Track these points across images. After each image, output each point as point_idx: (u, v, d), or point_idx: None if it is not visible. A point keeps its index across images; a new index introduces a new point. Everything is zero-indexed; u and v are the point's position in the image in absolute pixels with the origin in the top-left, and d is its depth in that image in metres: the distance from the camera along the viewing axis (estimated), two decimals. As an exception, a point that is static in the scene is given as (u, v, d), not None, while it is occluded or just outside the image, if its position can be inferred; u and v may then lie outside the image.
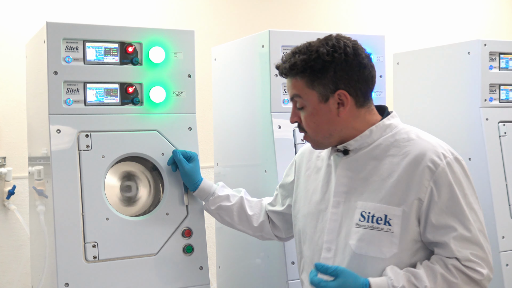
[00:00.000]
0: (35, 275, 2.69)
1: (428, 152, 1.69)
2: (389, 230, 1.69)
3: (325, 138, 1.79)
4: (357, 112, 1.76)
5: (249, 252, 2.71)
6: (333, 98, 1.73)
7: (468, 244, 1.67)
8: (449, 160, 1.69)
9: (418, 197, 1.67)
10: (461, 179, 1.70)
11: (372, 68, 1.78)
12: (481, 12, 4.93)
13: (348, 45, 1.73)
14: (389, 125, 1.78)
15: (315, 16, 4.24)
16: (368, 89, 1.77)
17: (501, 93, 2.98)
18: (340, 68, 1.71)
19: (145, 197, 2.38)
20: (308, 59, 1.72)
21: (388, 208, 1.69)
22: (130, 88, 2.30)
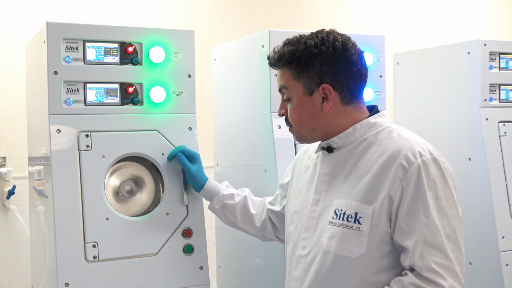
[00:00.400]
0: (35, 275, 2.69)
1: (403, 150, 1.63)
2: (358, 228, 1.64)
3: (307, 132, 1.77)
4: (343, 109, 1.73)
5: (249, 252, 2.71)
6: (318, 92, 1.70)
7: (432, 251, 1.57)
8: (425, 159, 1.61)
9: (388, 195, 1.61)
10: (435, 180, 1.60)
11: (362, 66, 1.74)
12: (481, 12, 4.93)
13: (338, 40, 1.70)
14: (374, 123, 1.73)
15: (315, 16, 4.24)
16: (356, 86, 1.73)
17: (501, 93, 2.98)
18: (326, 62, 1.68)
19: (145, 197, 2.37)
20: (296, 51, 1.70)
21: (359, 206, 1.64)
22: (130, 88, 2.30)
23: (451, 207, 1.61)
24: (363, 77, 1.75)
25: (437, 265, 1.56)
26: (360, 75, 1.73)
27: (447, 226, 1.59)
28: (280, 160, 2.46)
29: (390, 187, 1.61)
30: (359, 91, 1.75)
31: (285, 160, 2.47)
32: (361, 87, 1.75)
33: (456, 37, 4.68)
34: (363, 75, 1.74)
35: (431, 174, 1.60)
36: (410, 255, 1.59)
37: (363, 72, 1.74)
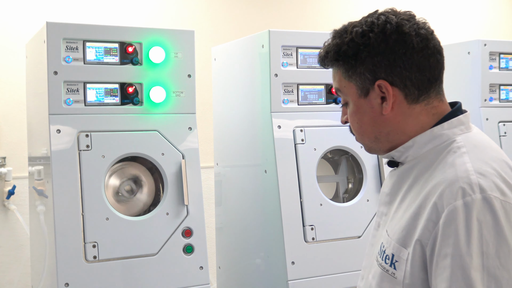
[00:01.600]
0: (35, 275, 2.69)
1: (444, 183, 1.22)
2: (393, 274, 1.30)
3: (371, 141, 1.41)
4: (409, 110, 1.34)
5: (249, 252, 2.71)
6: (374, 91, 1.33)
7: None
8: (469, 200, 1.17)
9: (419, 240, 1.24)
10: (482, 229, 1.16)
11: (430, 50, 1.34)
12: (481, 12, 4.93)
13: (391, 21, 1.32)
14: (438, 136, 1.32)
15: (315, 16, 4.24)
16: (424, 78, 1.32)
17: (501, 93, 2.98)
18: (378, 52, 1.31)
19: (145, 197, 2.37)
20: (342, 43, 1.37)
21: (395, 247, 1.29)
22: (130, 88, 2.30)
23: (506, 268, 1.16)
24: (434, 65, 1.34)
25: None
26: (429, 63, 1.33)
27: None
28: (280, 160, 2.46)
29: (422, 231, 1.23)
30: (430, 83, 1.34)
31: (285, 160, 2.47)
32: (432, 78, 1.34)
33: (456, 37, 4.67)
34: (432, 62, 1.34)
35: (474, 221, 1.17)
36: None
37: (432, 58, 1.34)
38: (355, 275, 2.54)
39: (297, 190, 2.47)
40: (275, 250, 2.48)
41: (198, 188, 2.36)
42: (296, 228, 2.45)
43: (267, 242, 2.56)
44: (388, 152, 1.40)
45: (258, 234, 2.63)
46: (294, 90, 2.55)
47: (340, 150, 2.67)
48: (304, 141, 2.51)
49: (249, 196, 2.69)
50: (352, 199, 2.63)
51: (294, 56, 2.54)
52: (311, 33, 2.60)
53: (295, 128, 2.51)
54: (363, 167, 2.64)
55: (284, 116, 2.50)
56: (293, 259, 2.41)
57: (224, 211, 2.91)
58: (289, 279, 2.41)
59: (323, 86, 2.61)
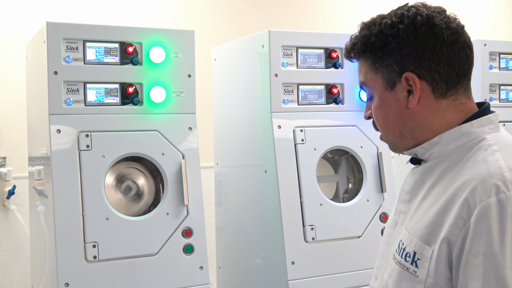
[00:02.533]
0: (35, 275, 2.69)
1: (476, 180, 1.19)
2: (414, 272, 1.25)
3: (396, 137, 1.37)
4: (436, 105, 1.30)
5: (249, 252, 2.71)
6: (401, 83, 1.30)
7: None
8: (503, 197, 1.14)
9: (447, 238, 1.19)
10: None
11: (460, 44, 1.32)
12: (481, 12, 4.93)
13: (421, 13, 1.31)
14: (467, 133, 1.29)
15: (315, 16, 4.24)
16: (453, 72, 1.30)
17: (501, 93, 2.98)
18: (407, 44, 1.28)
19: (145, 197, 2.38)
20: (370, 35, 1.34)
21: (418, 244, 1.25)
22: (130, 88, 2.30)
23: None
24: (463, 60, 1.32)
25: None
26: (458, 57, 1.31)
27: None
28: (280, 160, 2.46)
29: (451, 228, 1.19)
30: (458, 78, 1.32)
31: (285, 160, 2.47)
32: (461, 73, 1.33)
33: (456, 37, 4.67)
34: (462, 57, 1.32)
35: (509, 219, 1.13)
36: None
37: (461, 53, 1.32)
38: (355, 275, 2.54)
39: (297, 190, 2.47)
40: (275, 250, 2.48)
41: (198, 188, 2.36)
42: (296, 228, 2.45)
43: (267, 242, 2.56)
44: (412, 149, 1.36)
45: (258, 234, 2.63)
46: (294, 90, 2.55)
47: (340, 150, 2.67)
48: (304, 141, 2.51)
49: (249, 196, 2.69)
50: (352, 199, 2.63)
51: (294, 56, 2.54)
52: (311, 33, 2.60)
53: (295, 128, 2.51)
54: (363, 167, 2.64)
55: (284, 116, 2.50)
56: (293, 259, 2.41)
57: (224, 211, 2.91)
58: (289, 279, 2.41)
59: (323, 86, 2.61)
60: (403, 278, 1.28)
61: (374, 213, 2.60)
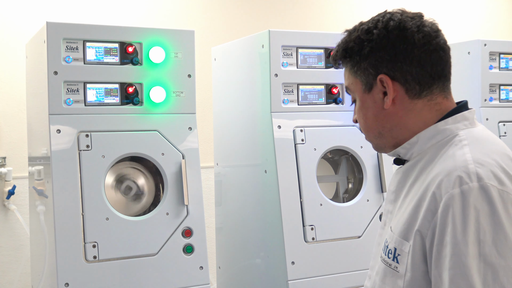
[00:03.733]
0: (35, 275, 2.69)
1: (442, 174, 1.23)
2: (395, 268, 1.29)
3: (376, 137, 1.43)
4: (411, 105, 1.35)
5: (249, 252, 2.71)
6: (377, 86, 1.36)
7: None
8: (466, 188, 1.18)
9: (419, 230, 1.24)
10: (479, 218, 1.16)
11: (432, 46, 1.36)
12: (481, 12, 4.93)
13: (394, 18, 1.37)
14: (442, 130, 1.34)
15: (315, 16, 4.24)
16: (425, 73, 1.34)
17: (501, 93, 2.98)
18: (379, 47, 1.34)
19: (145, 197, 2.38)
20: (349, 40, 1.40)
21: (398, 240, 1.29)
22: (130, 88, 2.30)
23: (503, 256, 1.15)
24: (436, 61, 1.36)
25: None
26: (430, 58, 1.34)
27: (491, 282, 1.14)
28: (280, 160, 2.46)
29: (422, 222, 1.24)
30: (432, 79, 1.36)
31: (285, 160, 2.47)
32: (434, 74, 1.36)
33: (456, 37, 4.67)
34: (434, 58, 1.35)
35: (471, 209, 1.17)
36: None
37: (434, 55, 1.35)
38: (355, 275, 2.54)
39: (297, 190, 2.47)
40: (275, 250, 2.48)
41: (198, 188, 2.36)
42: (296, 228, 2.45)
43: (267, 242, 2.56)
44: (394, 149, 1.42)
45: (258, 234, 2.63)
46: (294, 90, 2.55)
47: (340, 150, 2.67)
48: (304, 141, 2.51)
49: (249, 196, 2.69)
50: (352, 199, 2.63)
51: (294, 56, 2.54)
52: (311, 33, 2.60)
53: (295, 128, 2.51)
54: (363, 167, 2.64)
55: (284, 116, 2.50)
56: (293, 259, 2.41)
57: (224, 211, 2.91)
58: (289, 279, 2.41)
59: (323, 86, 2.61)
60: (387, 274, 1.33)
61: (374, 213, 2.60)
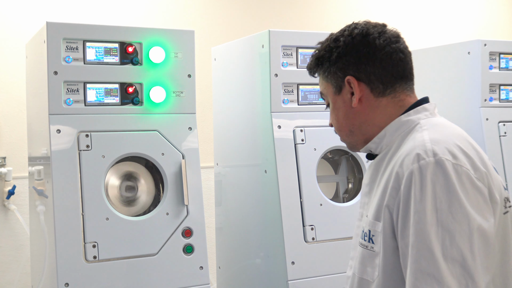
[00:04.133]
0: (35, 275, 2.69)
1: (404, 155, 1.38)
2: (372, 249, 1.42)
3: (348, 135, 1.56)
4: (376, 102, 1.50)
5: (249, 252, 2.71)
6: (345, 87, 1.51)
7: (423, 277, 1.26)
8: (423, 163, 1.31)
9: (387, 206, 1.37)
10: (435, 188, 1.29)
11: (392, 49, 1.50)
12: (481, 12, 4.93)
13: (358, 27, 1.52)
14: (405, 122, 1.48)
15: (315, 16, 4.24)
16: (387, 73, 1.48)
17: (501, 93, 2.98)
18: (346, 52, 1.50)
19: (145, 197, 2.38)
20: (320, 49, 1.57)
21: (371, 222, 1.42)
22: (130, 88, 2.30)
23: (458, 222, 1.27)
24: (396, 62, 1.49)
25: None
26: (391, 60, 1.48)
27: (449, 245, 1.26)
28: (280, 160, 2.46)
29: (388, 198, 1.38)
30: (394, 79, 1.49)
31: (285, 160, 2.47)
32: (396, 74, 1.50)
33: (456, 37, 4.68)
34: (395, 59, 1.49)
35: (428, 181, 1.30)
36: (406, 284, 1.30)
37: (394, 56, 1.49)
38: (355, 275, 2.54)
39: (297, 190, 2.47)
40: (275, 250, 2.48)
41: (198, 188, 2.36)
42: (296, 228, 2.45)
43: (267, 242, 2.56)
44: (365, 145, 1.55)
45: (258, 234, 2.63)
46: (294, 90, 2.55)
47: (340, 150, 2.67)
48: (304, 141, 2.51)
49: (249, 196, 2.69)
50: (352, 199, 2.63)
51: (294, 56, 2.54)
52: (311, 33, 2.60)
53: (295, 128, 2.51)
54: (363, 167, 2.64)
55: (284, 116, 2.50)
56: (293, 259, 2.41)
57: (224, 211, 2.91)
58: (289, 279, 2.41)
59: (323, 86, 2.61)
60: (365, 256, 1.45)
61: (374, 213, 2.60)
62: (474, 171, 1.33)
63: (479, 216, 1.30)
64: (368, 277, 1.44)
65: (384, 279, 1.40)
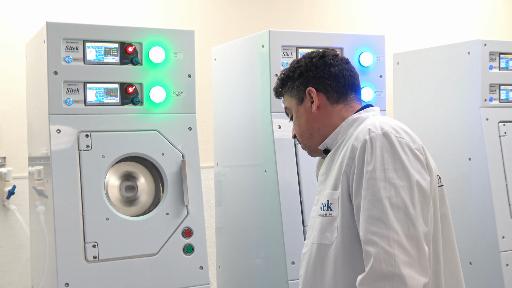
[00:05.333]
0: (35, 275, 2.69)
1: (357, 132, 1.70)
2: (330, 215, 1.69)
3: (308, 139, 1.87)
4: (331, 108, 1.83)
5: (249, 252, 2.71)
6: (306, 97, 1.84)
7: (372, 221, 1.55)
8: (373, 135, 1.64)
9: (345, 172, 1.66)
10: (383, 152, 1.61)
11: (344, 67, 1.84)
12: (481, 12, 4.93)
13: (316, 52, 1.88)
14: (356, 118, 1.79)
15: (315, 16, 4.24)
16: (340, 85, 1.83)
17: (501, 93, 2.98)
18: (306, 69, 1.84)
19: (145, 197, 2.38)
20: (285, 71, 1.91)
21: (329, 193, 1.71)
22: (130, 88, 2.30)
23: (401, 178, 1.59)
24: (347, 77, 1.84)
25: (374, 235, 1.54)
26: (342, 74, 1.83)
27: (394, 196, 1.56)
28: (280, 160, 2.46)
29: (346, 166, 1.67)
30: (346, 89, 1.84)
31: (285, 160, 2.47)
32: (347, 86, 1.84)
33: (456, 37, 4.68)
34: (346, 75, 1.84)
35: (377, 147, 1.62)
36: (359, 230, 1.59)
37: (345, 72, 1.84)
38: (355, 275, 2.54)
39: (297, 190, 2.48)
40: (275, 250, 2.48)
41: (198, 188, 2.36)
42: (296, 228, 2.45)
43: (267, 242, 2.56)
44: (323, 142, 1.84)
45: (258, 234, 2.63)
46: (294, 90, 2.55)
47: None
48: (304, 141, 2.51)
49: (249, 196, 2.69)
50: (352, 199, 2.62)
51: (294, 56, 2.54)
52: (311, 33, 2.60)
53: (295, 128, 2.51)
54: (363, 167, 2.64)
55: (284, 116, 2.49)
56: (293, 259, 2.41)
57: (224, 211, 2.91)
58: (289, 279, 2.41)
59: (323, 86, 2.61)
60: (324, 223, 1.72)
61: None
62: (413, 143, 1.66)
63: (418, 174, 1.61)
64: (327, 241, 1.69)
65: (342, 238, 1.65)
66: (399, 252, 1.51)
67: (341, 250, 1.65)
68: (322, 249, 1.70)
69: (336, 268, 1.66)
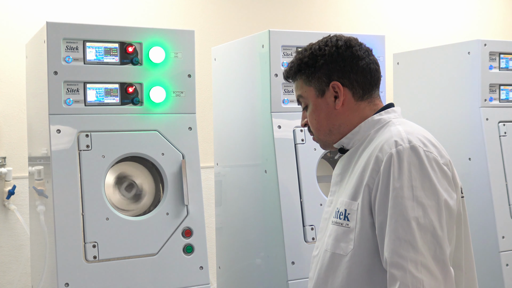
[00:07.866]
0: (35, 275, 2.69)
1: (383, 141, 1.60)
2: (347, 225, 1.62)
3: (326, 135, 1.76)
4: (356, 105, 1.72)
5: (249, 252, 2.71)
6: (329, 91, 1.71)
7: (400, 243, 1.49)
8: (400, 148, 1.55)
9: (368, 185, 1.58)
10: (411, 169, 1.53)
11: (371, 61, 1.73)
12: (480, 12, 4.93)
13: (341, 39, 1.73)
14: (378, 120, 1.70)
15: (315, 16, 4.24)
16: (366, 80, 1.71)
17: (501, 93, 2.98)
18: (331, 60, 1.70)
19: (145, 197, 2.38)
20: (303, 57, 1.74)
21: (348, 202, 1.63)
22: (130, 88, 2.30)
23: (429, 198, 1.52)
24: (374, 72, 1.72)
25: (401, 258, 1.48)
26: (370, 69, 1.71)
27: (422, 217, 1.50)
28: (280, 160, 2.46)
29: (369, 178, 1.58)
30: (371, 86, 1.73)
31: (285, 160, 2.47)
32: (374, 81, 1.73)
33: (456, 37, 4.68)
34: (373, 69, 1.72)
35: (405, 163, 1.53)
36: (384, 250, 1.52)
37: (372, 66, 1.72)
38: (355, 275, 2.53)
39: (297, 190, 2.48)
40: (275, 250, 2.48)
41: (198, 188, 2.36)
42: (296, 228, 2.45)
43: (267, 242, 2.56)
44: (339, 141, 1.75)
45: (258, 234, 2.63)
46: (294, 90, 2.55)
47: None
48: (304, 141, 2.51)
49: (249, 196, 2.69)
50: (352, 199, 2.62)
51: (294, 56, 2.54)
52: (311, 33, 2.60)
53: (295, 128, 2.51)
54: (363, 167, 2.64)
55: (284, 116, 2.50)
56: (293, 259, 2.41)
57: (224, 211, 2.92)
58: (289, 279, 2.41)
59: (323, 86, 2.61)
60: (339, 232, 1.64)
61: (374, 213, 2.60)
62: (440, 157, 1.59)
63: (446, 193, 1.54)
64: (342, 251, 1.63)
65: (358, 251, 1.59)
66: (426, 277, 1.46)
67: (357, 263, 1.60)
68: (336, 258, 1.65)
69: (350, 280, 1.61)
